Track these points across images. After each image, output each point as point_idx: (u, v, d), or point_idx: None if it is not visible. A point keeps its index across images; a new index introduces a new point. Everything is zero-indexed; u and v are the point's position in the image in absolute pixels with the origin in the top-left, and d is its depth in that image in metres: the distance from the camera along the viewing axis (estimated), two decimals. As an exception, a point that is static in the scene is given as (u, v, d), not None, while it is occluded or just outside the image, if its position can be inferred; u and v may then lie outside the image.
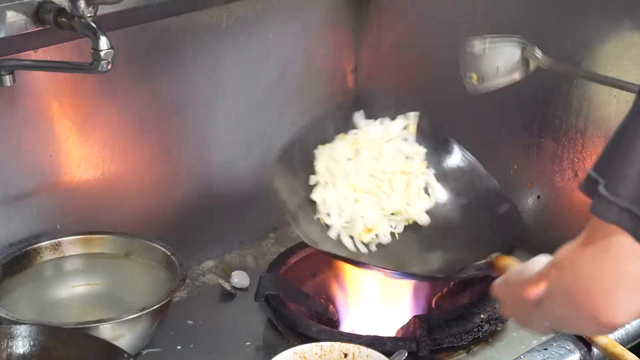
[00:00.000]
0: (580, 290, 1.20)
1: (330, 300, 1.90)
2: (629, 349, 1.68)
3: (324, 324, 1.77)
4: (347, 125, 1.96)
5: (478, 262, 1.74)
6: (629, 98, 1.80)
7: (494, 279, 1.57)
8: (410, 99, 2.18)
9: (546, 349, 1.70)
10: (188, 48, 1.93)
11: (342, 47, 2.21)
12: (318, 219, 1.87)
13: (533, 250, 1.69)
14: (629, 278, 1.17)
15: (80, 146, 1.84)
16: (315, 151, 1.91)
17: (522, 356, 1.68)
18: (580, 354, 1.70)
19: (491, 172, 1.97)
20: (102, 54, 1.57)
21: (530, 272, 1.41)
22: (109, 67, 1.58)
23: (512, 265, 1.66)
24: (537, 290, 1.33)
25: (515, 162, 1.79)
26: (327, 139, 1.93)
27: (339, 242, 1.86)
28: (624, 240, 1.16)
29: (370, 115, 1.97)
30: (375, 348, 1.64)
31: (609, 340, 1.69)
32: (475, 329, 1.75)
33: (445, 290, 1.89)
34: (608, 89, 1.86)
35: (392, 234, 1.89)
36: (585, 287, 1.19)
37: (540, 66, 1.82)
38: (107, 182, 1.89)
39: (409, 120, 1.96)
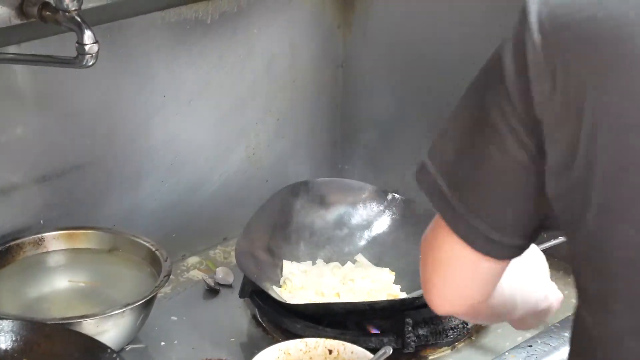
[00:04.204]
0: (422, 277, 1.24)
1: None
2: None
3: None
4: None
5: None
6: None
7: None
8: (396, 96, 2.19)
9: (530, 346, 1.70)
10: (173, 43, 1.93)
11: (328, 42, 2.21)
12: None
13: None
14: (440, 263, 1.19)
15: (63, 140, 1.83)
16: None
17: (506, 353, 1.68)
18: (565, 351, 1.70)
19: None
20: (86, 48, 1.57)
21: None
22: (94, 61, 1.58)
23: None
24: None
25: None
26: None
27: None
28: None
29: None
30: (360, 344, 1.64)
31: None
32: (460, 326, 1.75)
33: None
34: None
35: None
36: (422, 275, 1.23)
37: None
38: (90, 177, 1.88)
39: None
